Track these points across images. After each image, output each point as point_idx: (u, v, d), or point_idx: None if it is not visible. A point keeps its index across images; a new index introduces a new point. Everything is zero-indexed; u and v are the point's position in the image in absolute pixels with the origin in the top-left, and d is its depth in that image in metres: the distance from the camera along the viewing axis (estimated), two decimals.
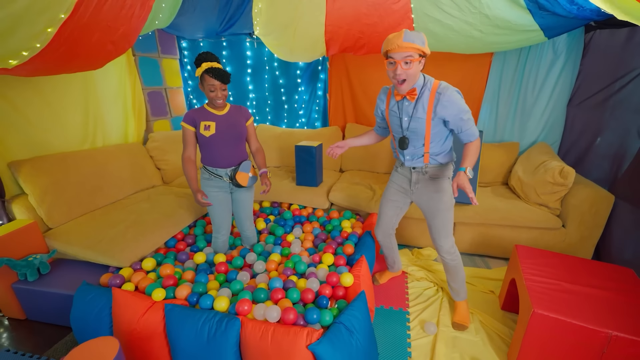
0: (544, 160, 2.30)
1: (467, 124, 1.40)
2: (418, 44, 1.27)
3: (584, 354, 1.28)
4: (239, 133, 1.77)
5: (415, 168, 1.56)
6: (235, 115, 1.77)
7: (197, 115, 1.69)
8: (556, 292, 1.42)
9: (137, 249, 1.82)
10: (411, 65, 1.30)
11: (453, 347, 1.61)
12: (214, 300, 1.46)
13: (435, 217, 1.59)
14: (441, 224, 1.59)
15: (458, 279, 1.70)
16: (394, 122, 1.52)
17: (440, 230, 1.60)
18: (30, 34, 1.21)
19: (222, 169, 1.76)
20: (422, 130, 1.44)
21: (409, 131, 1.48)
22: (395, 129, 1.54)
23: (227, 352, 1.30)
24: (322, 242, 2.05)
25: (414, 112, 1.42)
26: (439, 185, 1.54)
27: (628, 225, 1.92)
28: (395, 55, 1.29)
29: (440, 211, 1.56)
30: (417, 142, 1.49)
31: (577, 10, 1.78)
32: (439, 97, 1.37)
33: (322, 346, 1.21)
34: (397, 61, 1.29)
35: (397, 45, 1.26)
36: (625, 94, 2.07)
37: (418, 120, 1.43)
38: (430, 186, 1.56)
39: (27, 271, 1.74)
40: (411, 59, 1.28)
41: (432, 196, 1.56)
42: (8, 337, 1.73)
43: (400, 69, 1.30)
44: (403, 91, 1.38)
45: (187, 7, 2.35)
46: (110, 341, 1.18)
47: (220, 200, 1.81)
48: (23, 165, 1.93)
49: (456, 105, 1.37)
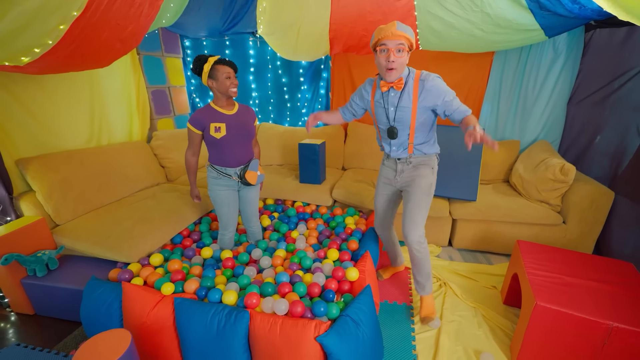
0: (544, 157, 2.33)
1: (455, 103, 1.44)
2: (409, 35, 1.35)
3: (585, 345, 1.31)
4: (249, 133, 1.78)
5: (400, 159, 1.61)
6: (244, 114, 1.78)
7: (205, 118, 1.66)
8: (558, 286, 1.44)
9: (144, 245, 1.84)
10: (402, 53, 1.36)
11: (456, 340, 1.64)
12: (223, 294, 1.48)
13: (410, 199, 1.59)
14: (414, 207, 1.57)
15: (424, 272, 1.68)
16: (380, 114, 1.56)
17: (411, 214, 1.57)
18: (43, 30, 1.24)
19: (231, 168, 1.77)
20: (408, 120, 1.49)
21: (395, 121, 1.52)
22: (382, 120, 1.58)
23: (236, 344, 1.32)
24: (327, 239, 2.08)
25: (400, 101, 1.47)
26: (421, 170, 1.60)
27: (628, 221, 1.95)
28: (388, 42, 1.34)
29: (415, 194, 1.57)
30: (403, 132, 1.54)
31: (578, 9, 1.81)
32: (422, 84, 1.43)
33: (329, 338, 1.24)
34: (390, 49, 1.34)
35: (391, 33, 1.31)
36: (624, 92, 2.10)
37: (404, 109, 1.48)
38: (412, 172, 1.61)
39: (36, 267, 1.76)
40: (403, 47, 1.34)
41: (412, 178, 1.61)
42: (18, 332, 1.76)
43: (393, 55, 1.34)
44: (392, 79, 1.41)
45: (191, 5, 2.37)
46: (123, 333, 1.20)
47: (228, 198, 1.83)
48: (31, 162, 1.95)
49: (440, 89, 1.43)
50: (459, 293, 1.95)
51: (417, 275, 1.71)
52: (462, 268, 2.22)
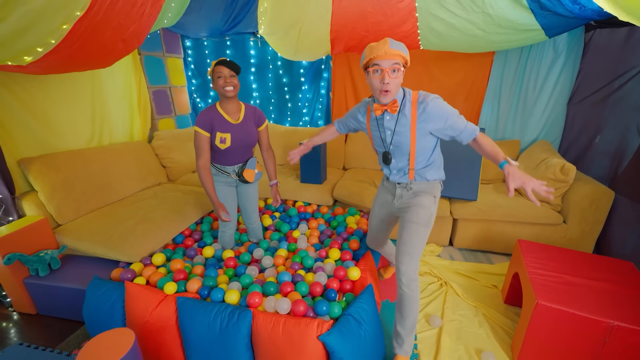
0: (545, 157, 2.34)
1: (460, 123, 1.30)
2: (404, 52, 1.23)
3: (586, 344, 1.32)
4: (252, 142, 1.80)
5: (400, 184, 1.49)
6: (249, 122, 1.76)
7: (213, 121, 1.64)
8: (559, 285, 1.45)
9: (146, 244, 1.85)
10: (397, 73, 1.23)
11: (458, 339, 1.65)
12: (225, 294, 1.49)
13: (405, 228, 1.41)
14: (408, 238, 1.39)
15: (408, 321, 1.40)
16: (376, 137, 1.46)
17: (406, 246, 1.38)
18: (46, 30, 1.24)
19: (229, 166, 1.80)
20: (407, 144, 1.36)
21: (392, 146, 1.40)
22: (377, 143, 1.47)
23: (239, 343, 1.33)
24: (328, 238, 2.08)
25: (397, 125, 1.35)
26: (421, 199, 1.44)
27: (628, 220, 1.96)
28: (382, 62, 1.22)
29: (411, 223, 1.40)
30: (402, 157, 1.41)
31: (579, 10, 1.82)
32: (421, 106, 1.29)
33: (332, 336, 1.25)
34: (383, 69, 1.22)
35: (385, 52, 1.19)
36: (624, 92, 2.11)
37: (401, 134, 1.35)
38: (412, 199, 1.46)
39: (39, 266, 1.77)
40: (398, 66, 1.22)
41: (410, 206, 1.44)
42: (20, 332, 1.76)
43: (387, 77, 1.22)
44: (386, 101, 1.29)
45: (193, 6, 2.37)
46: (126, 332, 1.20)
47: (227, 194, 1.85)
48: (33, 162, 1.96)
49: (442, 110, 1.29)
50: (460, 292, 1.95)
51: (399, 324, 1.43)
52: (463, 267, 2.23)
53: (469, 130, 1.31)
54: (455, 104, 2.89)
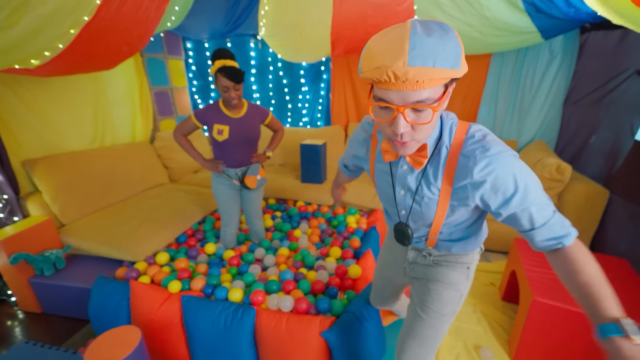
0: (541, 157, 2.38)
1: (542, 211, 0.68)
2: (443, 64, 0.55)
3: (580, 339, 1.36)
4: (253, 137, 1.77)
5: (413, 246, 0.97)
6: (251, 118, 1.74)
7: (210, 116, 1.67)
8: (555, 282, 1.49)
9: (150, 244, 1.87)
10: (430, 115, 0.60)
11: (456, 336, 1.68)
12: (229, 292, 1.52)
13: (417, 316, 0.94)
14: (417, 331, 0.94)
15: None
16: (383, 189, 0.88)
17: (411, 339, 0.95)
18: (55, 35, 1.27)
19: (232, 169, 1.79)
20: (431, 214, 0.81)
21: (403, 209, 0.86)
22: (386, 200, 0.91)
23: (243, 340, 1.36)
24: (329, 237, 2.11)
25: (420, 186, 0.78)
26: (447, 272, 0.92)
27: (622, 219, 2.00)
28: (390, 95, 0.59)
29: (425, 310, 0.92)
30: (420, 227, 0.88)
31: (574, 13, 1.86)
32: (466, 164, 0.69)
33: (334, 333, 1.28)
34: (396, 108, 0.59)
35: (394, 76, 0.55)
36: (618, 93, 2.15)
37: (424, 200, 0.79)
38: (431, 270, 0.95)
39: (44, 266, 1.79)
40: (428, 104, 0.59)
41: (427, 284, 0.94)
42: (26, 330, 1.78)
43: (403, 124, 0.61)
44: (406, 153, 0.69)
45: (195, 8, 2.40)
46: (132, 330, 1.24)
47: (230, 195, 1.85)
48: (37, 163, 1.98)
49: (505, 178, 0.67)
50: None
51: None
52: None
53: (553, 231, 0.69)
54: (453, 106, 2.95)
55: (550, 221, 0.68)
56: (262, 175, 1.86)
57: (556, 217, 0.69)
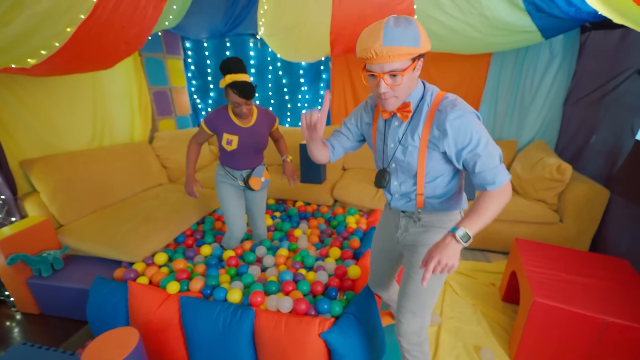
0: (541, 157, 2.37)
1: (485, 160, 0.89)
2: (408, 44, 0.81)
3: (582, 340, 1.35)
4: (262, 145, 1.74)
5: (405, 212, 1.11)
6: (260, 126, 1.71)
7: (219, 124, 1.63)
8: (555, 282, 1.48)
9: (149, 244, 1.87)
10: (400, 78, 0.86)
11: (456, 336, 1.67)
12: (228, 293, 1.51)
13: (410, 277, 1.10)
14: (412, 290, 1.09)
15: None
16: (379, 146, 1.09)
17: (409, 301, 1.09)
18: (51, 33, 1.26)
19: (237, 171, 1.76)
20: (414, 163, 1.00)
21: (393, 162, 1.05)
22: (377, 157, 1.11)
23: (242, 341, 1.35)
24: (328, 237, 2.11)
25: (404, 137, 0.98)
26: (434, 236, 1.07)
27: (623, 219, 1.99)
28: (374, 67, 0.86)
29: (415, 267, 1.08)
30: (405, 179, 1.06)
31: (574, 12, 1.85)
32: (440, 117, 0.91)
33: (333, 334, 1.27)
34: (378, 75, 0.86)
35: (375, 53, 0.82)
36: (619, 93, 2.14)
37: (408, 149, 0.99)
38: (421, 235, 1.10)
39: (42, 267, 1.78)
40: (398, 71, 0.85)
41: (417, 247, 1.09)
42: (24, 331, 1.77)
43: (384, 85, 0.87)
44: (391, 108, 0.94)
45: (194, 7, 2.39)
46: (130, 331, 1.22)
47: (234, 195, 1.80)
48: (35, 163, 1.97)
49: (466, 130, 0.89)
50: (459, 290, 1.98)
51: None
52: (462, 266, 2.25)
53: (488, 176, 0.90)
54: None
55: (487, 171, 0.90)
56: (266, 177, 1.83)
57: (495, 170, 0.90)
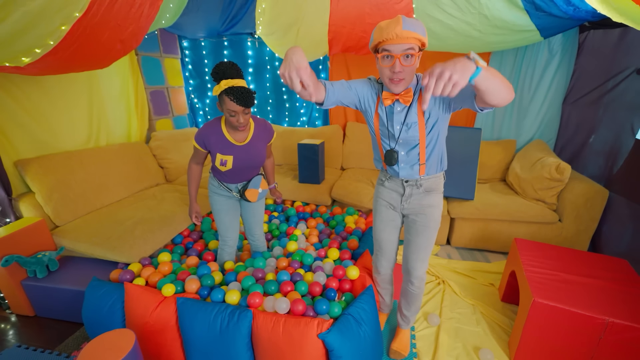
0: (540, 157, 2.37)
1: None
2: (420, 33, 1.03)
3: (581, 340, 1.34)
4: (259, 163, 1.59)
5: (409, 181, 1.31)
6: (257, 143, 1.55)
7: (212, 142, 1.47)
8: (555, 282, 1.47)
9: (145, 245, 1.85)
10: (412, 59, 1.05)
11: (456, 337, 1.66)
12: (225, 294, 1.49)
13: (421, 234, 1.35)
14: (424, 243, 1.36)
15: (414, 308, 1.53)
16: (382, 132, 1.27)
17: (420, 251, 1.37)
18: (45, 31, 1.24)
19: (232, 184, 1.64)
20: (416, 138, 1.21)
21: (401, 141, 1.23)
22: (383, 139, 1.28)
23: (239, 342, 1.34)
24: (327, 238, 2.09)
25: (407, 117, 1.18)
26: (433, 197, 1.32)
27: (622, 218, 1.99)
28: (393, 47, 1.03)
29: (427, 229, 1.34)
30: (411, 152, 1.25)
31: (573, 11, 1.85)
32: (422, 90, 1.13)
33: (331, 335, 1.26)
34: (395, 56, 1.03)
35: (396, 35, 1.00)
36: (618, 92, 2.14)
37: (412, 126, 1.19)
38: (423, 198, 1.32)
39: (37, 268, 1.76)
40: (412, 52, 1.04)
41: (423, 208, 1.33)
42: (18, 334, 1.75)
43: (399, 65, 1.04)
44: (398, 91, 1.13)
45: (191, 6, 2.37)
46: (126, 333, 1.21)
47: (228, 206, 1.68)
48: (30, 164, 1.95)
49: None
50: (458, 291, 1.97)
51: (405, 310, 1.54)
52: (461, 266, 2.25)
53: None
54: None
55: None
56: (263, 188, 1.69)
57: None
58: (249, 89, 1.35)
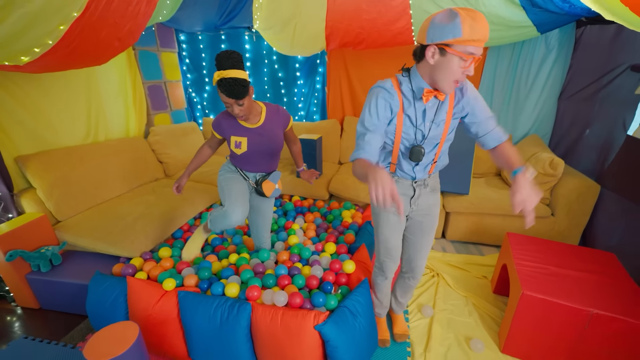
0: (535, 152, 2.40)
1: (493, 122, 1.16)
2: None
3: (567, 331, 1.40)
4: (275, 146, 1.57)
5: (417, 181, 1.28)
6: (271, 125, 1.54)
7: (225, 126, 1.52)
8: (544, 275, 1.52)
9: (146, 239, 1.89)
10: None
11: (448, 328, 1.72)
12: (225, 287, 1.54)
13: (427, 234, 1.38)
14: (429, 242, 1.41)
15: (409, 295, 1.64)
16: (408, 130, 1.17)
17: (425, 249, 1.42)
18: (44, 31, 1.25)
19: (251, 172, 1.64)
20: (440, 134, 1.19)
21: (426, 140, 1.18)
22: (407, 137, 1.19)
23: (239, 334, 1.39)
24: (324, 232, 2.14)
25: (437, 114, 1.15)
26: (437, 196, 1.35)
27: (612, 213, 2.04)
28: (478, 50, 0.96)
29: (432, 229, 1.38)
30: (431, 152, 1.23)
31: (568, 7, 1.86)
32: (461, 91, 1.13)
33: (327, 327, 1.31)
34: (476, 58, 0.97)
35: (485, 37, 0.94)
36: (613, 88, 2.16)
37: (440, 124, 1.17)
38: (429, 198, 1.33)
39: (40, 262, 1.80)
40: None
41: (429, 207, 1.34)
42: (24, 326, 1.80)
43: (473, 67, 0.99)
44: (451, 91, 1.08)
45: (188, 0, 2.36)
46: (130, 325, 1.25)
47: (240, 181, 1.64)
48: (30, 160, 1.97)
49: (481, 98, 1.15)
50: (451, 283, 2.03)
51: (401, 298, 1.64)
52: (455, 259, 2.30)
53: (498, 134, 1.15)
54: None
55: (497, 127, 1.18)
56: (278, 186, 1.68)
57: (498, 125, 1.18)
58: (241, 80, 1.32)
